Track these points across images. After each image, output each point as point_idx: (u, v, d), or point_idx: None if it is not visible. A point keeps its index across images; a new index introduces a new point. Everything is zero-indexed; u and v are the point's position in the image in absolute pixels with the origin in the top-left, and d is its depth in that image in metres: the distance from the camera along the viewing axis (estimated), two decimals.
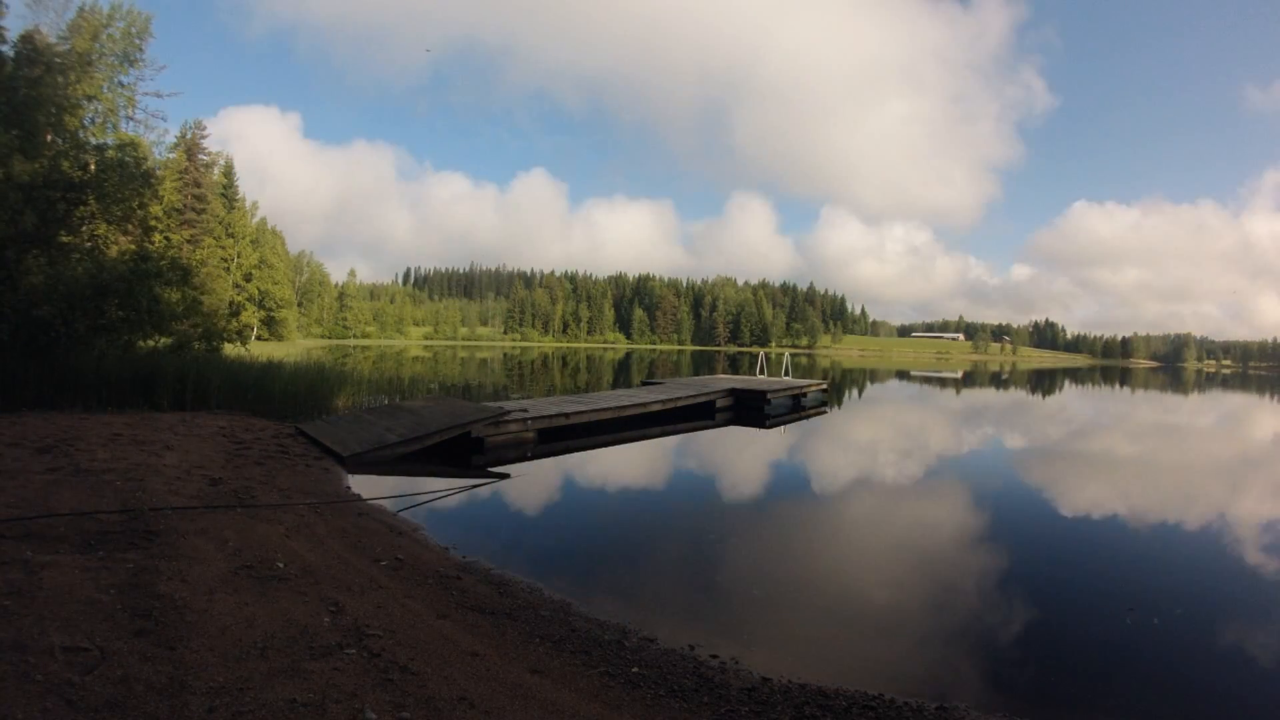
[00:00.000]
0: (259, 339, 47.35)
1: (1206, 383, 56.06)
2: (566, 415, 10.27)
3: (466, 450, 8.45)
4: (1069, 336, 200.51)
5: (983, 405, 23.50)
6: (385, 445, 7.78)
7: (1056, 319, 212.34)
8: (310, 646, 2.76)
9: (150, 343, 11.59)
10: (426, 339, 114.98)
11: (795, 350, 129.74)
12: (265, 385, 10.50)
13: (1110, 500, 8.17)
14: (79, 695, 2.16)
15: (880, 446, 12.11)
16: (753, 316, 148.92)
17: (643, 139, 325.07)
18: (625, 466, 9.21)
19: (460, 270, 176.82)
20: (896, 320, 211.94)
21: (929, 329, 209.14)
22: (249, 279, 50.04)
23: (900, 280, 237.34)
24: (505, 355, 57.26)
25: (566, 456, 9.25)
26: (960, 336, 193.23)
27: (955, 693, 3.26)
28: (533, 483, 7.48)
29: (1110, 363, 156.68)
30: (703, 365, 45.67)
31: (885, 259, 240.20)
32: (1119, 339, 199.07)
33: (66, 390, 8.65)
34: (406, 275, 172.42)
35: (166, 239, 24.77)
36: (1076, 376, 56.25)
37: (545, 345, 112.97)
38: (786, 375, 20.36)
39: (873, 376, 40.61)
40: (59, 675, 2.25)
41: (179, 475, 5.53)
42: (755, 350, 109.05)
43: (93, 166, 11.07)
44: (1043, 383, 41.22)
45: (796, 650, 3.65)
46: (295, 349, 40.62)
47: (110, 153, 11.70)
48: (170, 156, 36.88)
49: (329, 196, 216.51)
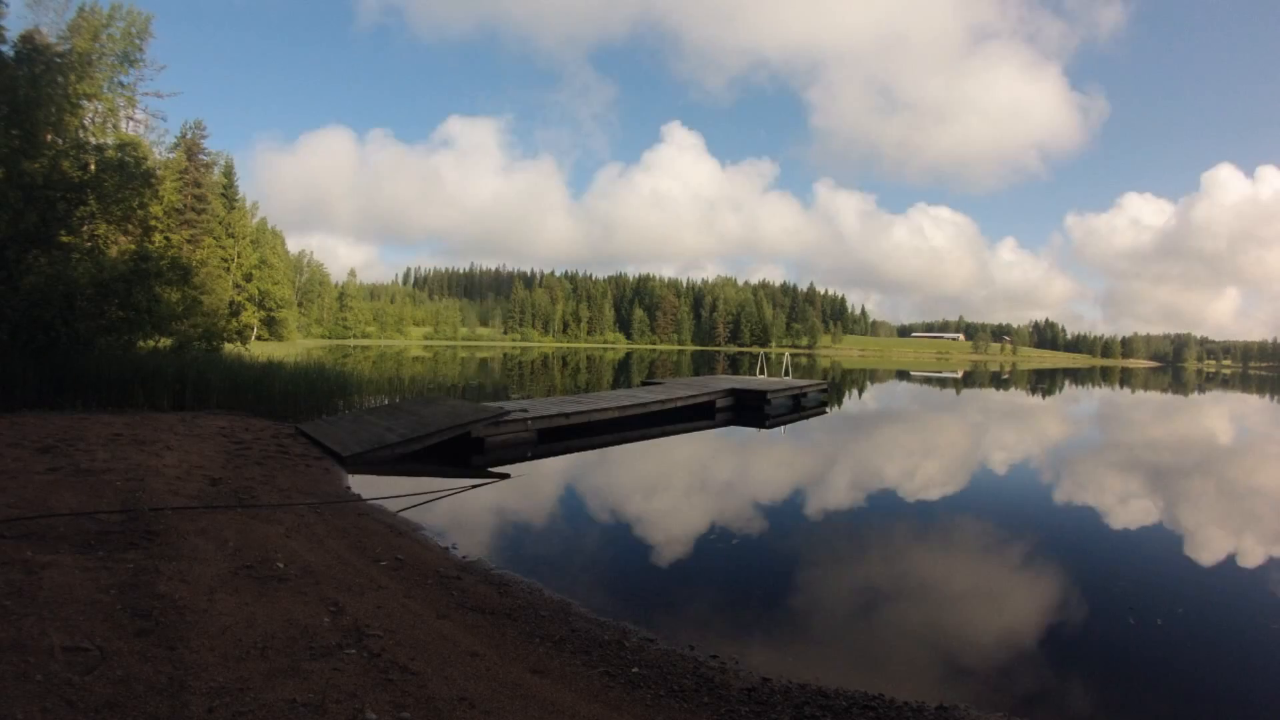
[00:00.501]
0: (259, 339, 47.38)
1: (1207, 383, 56.02)
2: (567, 415, 10.27)
3: (466, 450, 8.45)
4: (1069, 336, 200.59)
5: (981, 405, 23.50)
6: (385, 445, 7.77)
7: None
8: (310, 646, 2.76)
9: (150, 343, 11.60)
10: (426, 339, 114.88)
11: (795, 350, 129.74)
12: (265, 385, 10.51)
13: (1110, 500, 8.17)
14: (79, 695, 2.16)
15: (880, 446, 12.11)
16: (753, 316, 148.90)
17: None
18: (625, 466, 9.21)
19: (460, 270, 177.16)
20: (897, 321, 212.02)
21: (929, 329, 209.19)
22: (249, 279, 50.01)
23: None
24: (505, 355, 57.24)
25: (566, 456, 9.25)
26: (960, 336, 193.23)
27: (955, 693, 3.25)
28: (533, 483, 7.48)
29: (1110, 363, 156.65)
30: (703, 365, 45.65)
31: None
32: (1119, 339, 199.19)
33: (66, 390, 8.66)
34: (406, 275, 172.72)
35: (166, 239, 24.76)
36: (1076, 376, 56.23)
37: (545, 345, 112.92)
38: (786, 375, 20.36)
39: (873, 377, 40.60)
40: (59, 675, 2.25)
41: (179, 475, 5.53)
42: (755, 350, 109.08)
43: (93, 166, 11.07)
44: (1042, 383, 41.21)
45: (796, 650, 3.65)
46: (295, 349, 40.63)
47: (110, 153, 11.70)
48: (170, 156, 36.88)
49: None
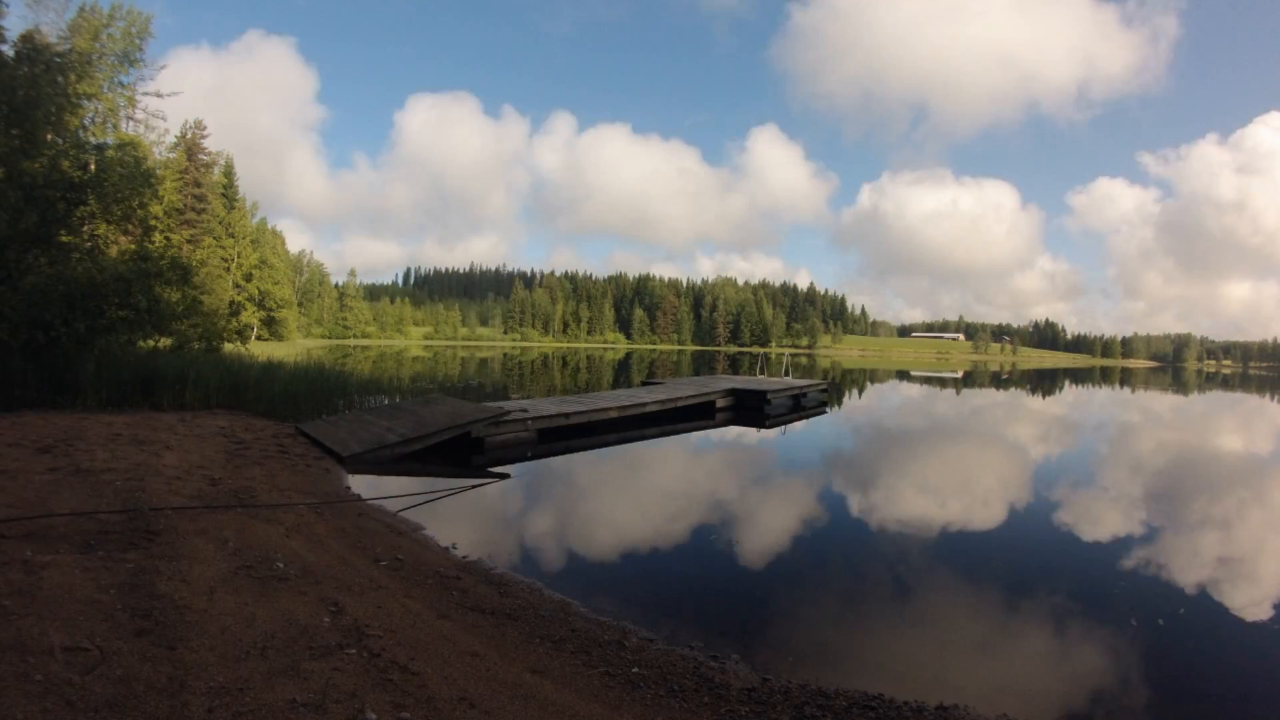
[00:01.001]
0: (259, 339, 47.37)
1: (1207, 383, 56.02)
2: (567, 415, 10.27)
3: (466, 450, 8.45)
4: (1069, 336, 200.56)
5: (980, 405, 23.49)
6: (385, 445, 7.77)
7: None
8: (310, 646, 2.76)
9: (150, 343, 11.59)
10: (426, 339, 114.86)
11: (795, 350, 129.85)
12: (265, 385, 10.51)
13: (1110, 502, 8.17)
14: (79, 695, 2.16)
15: (880, 446, 12.11)
16: (753, 316, 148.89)
17: None
18: (625, 466, 9.21)
19: (460, 270, 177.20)
20: (897, 320, 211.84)
21: (929, 329, 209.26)
22: (249, 279, 50.01)
23: None
24: (505, 355, 57.24)
25: (566, 456, 9.25)
26: (960, 336, 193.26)
27: (955, 693, 3.25)
28: (533, 483, 7.48)
29: (1110, 363, 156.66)
30: (703, 365, 45.64)
31: None
32: (1119, 339, 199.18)
33: (66, 390, 8.65)
34: (407, 275, 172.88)
35: (167, 239, 24.79)
36: (1076, 376, 56.22)
37: (545, 345, 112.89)
38: (786, 375, 20.36)
39: (872, 377, 40.58)
40: (59, 675, 2.25)
41: (179, 475, 5.52)
42: (755, 350, 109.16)
43: (93, 166, 11.06)
44: (1042, 383, 41.20)
45: (796, 650, 3.65)
46: (295, 349, 40.64)
47: (110, 152, 11.69)
48: (170, 156, 36.89)
49: None
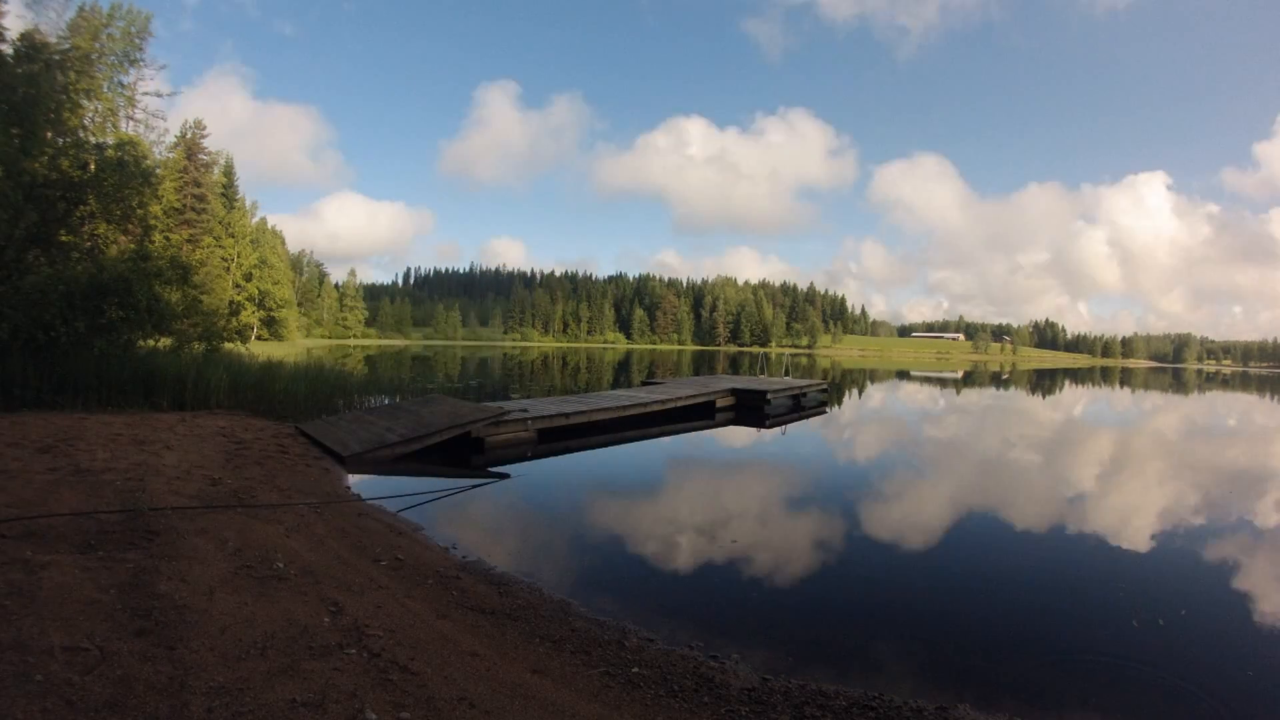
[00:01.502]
0: (259, 339, 47.39)
1: (1207, 383, 56.02)
2: (567, 415, 10.27)
3: (466, 450, 8.45)
4: (1069, 336, 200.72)
5: (979, 404, 23.49)
6: (385, 445, 7.77)
7: None
8: (310, 646, 2.76)
9: (150, 343, 11.58)
10: (426, 339, 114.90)
11: (795, 350, 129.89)
12: (265, 385, 10.51)
13: (1111, 501, 8.17)
14: (79, 695, 2.16)
15: (879, 446, 12.10)
16: (753, 316, 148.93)
17: None
18: (625, 466, 9.21)
19: (460, 270, 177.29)
20: (897, 320, 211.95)
21: (929, 329, 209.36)
22: (249, 279, 50.10)
23: None
24: (505, 355, 57.23)
25: (566, 456, 9.25)
26: (960, 336, 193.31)
27: (956, 693, 3.25)
28: (533, 483, 7.47)
29: (1110, 362, 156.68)
30: (703, 365, 45.64)
31: None
32: (1119, 339, 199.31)
33: (66, 390, 8.65)
34: (407, 275, 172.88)
35: (166, 238, 24.78)
36: (1076, 376, 56.23)
37: (545, 345, 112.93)
38: (786, 375, 20.37)
39: (872, 377, 40.58)
40: (59, 675, 2.25)
41: (179, 475, 5.52)
42: (755, 350, 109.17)
43: (92, 166, 11.05)
44: (1042, 383, 41.20)
45: (796, 650, 3.65)
46: (295, 349, 40.64)
47: (110, 152, 11.68)
48: (170, 156, 36.89)
49: None
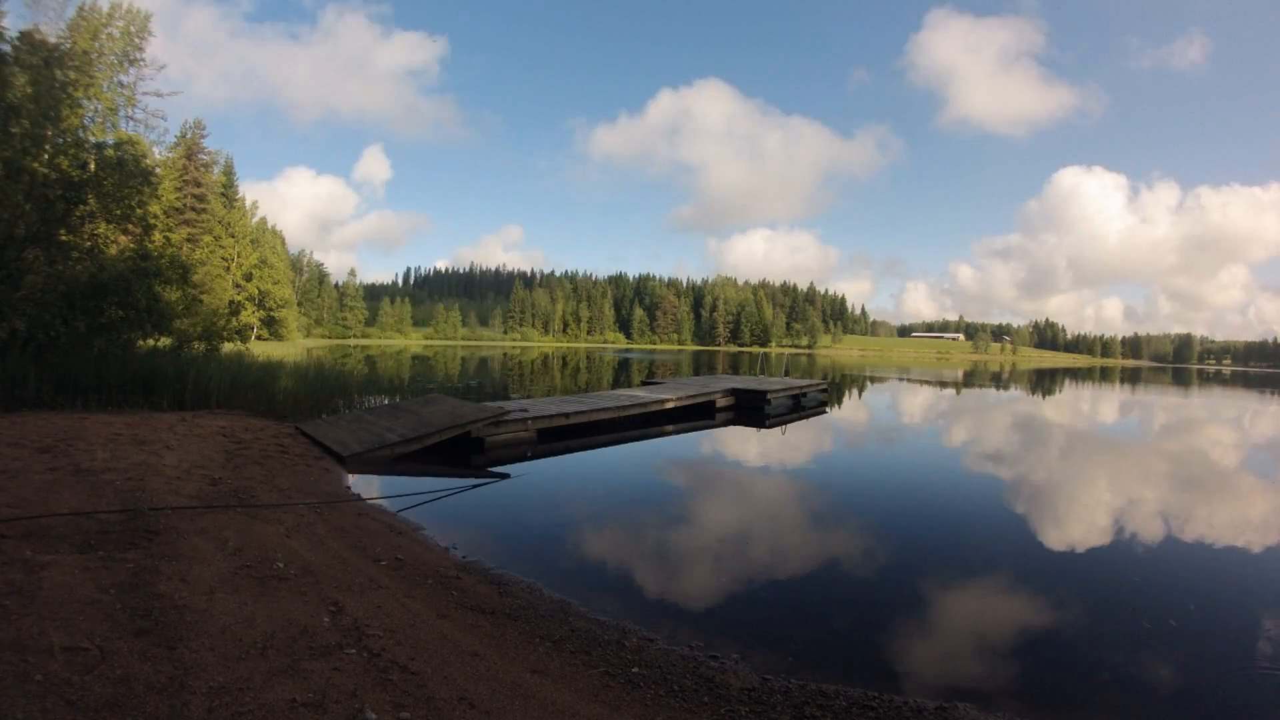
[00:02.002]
0: (259, 339, 47.37)
1: (1207, 383, 56.00)
2: (566, 415, 10.27)
3: (466, 450, 8.45)
4: (1069, 337, 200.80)
5: (978, 404, 23.49)
6: (385, 445, 7.77)
7: None
8: (310, 646, 2.76)
9: (150, 342, 11.58)
10: (426, 339, 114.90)
11: (795, 350, 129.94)
12: (265, 385, 10.50)
13: (1111, 500, 8.17)
14: (79, 695, 2.16)
15: (879, 446, 12.10)
16: (753, 316, 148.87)
17: None
18: (625, 466, 9.21)
19: (460, 270, 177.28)
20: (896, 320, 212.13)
21: (929, 329, 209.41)
22: (249, 279, 50.10)
23: None
24: (505, 355, 57.22)
25: (566, 456, 9.25)
26: (960, 336, 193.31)
27: (956, 693, 3.25)
28: (533, 483, 7.47)
29: (1110, 362, 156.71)
30: (703, 365, 45.64)
31: None
32: (1119, 339, 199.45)
33: (66, 390, 8.64)
34: (407, 275, 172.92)
35: (166, 238, 24.76)
36: (1076, 376, 56.23)
37: (545, 345, 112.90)
38: (785, 375, 20.39)
39: (872, 377, 40.57)
40: (59, 675, 2.25)
41: (179, 475, 5.52)
42: (755, 350, 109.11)
43: (92, 165, 11.06)
44: (1042, 382, 41.19)
45: (796, 650, 3.64)
46: (295, 349, 40.63)
47: (109, 151, 11.68)
48: (170, 156, 36.89)
49: None
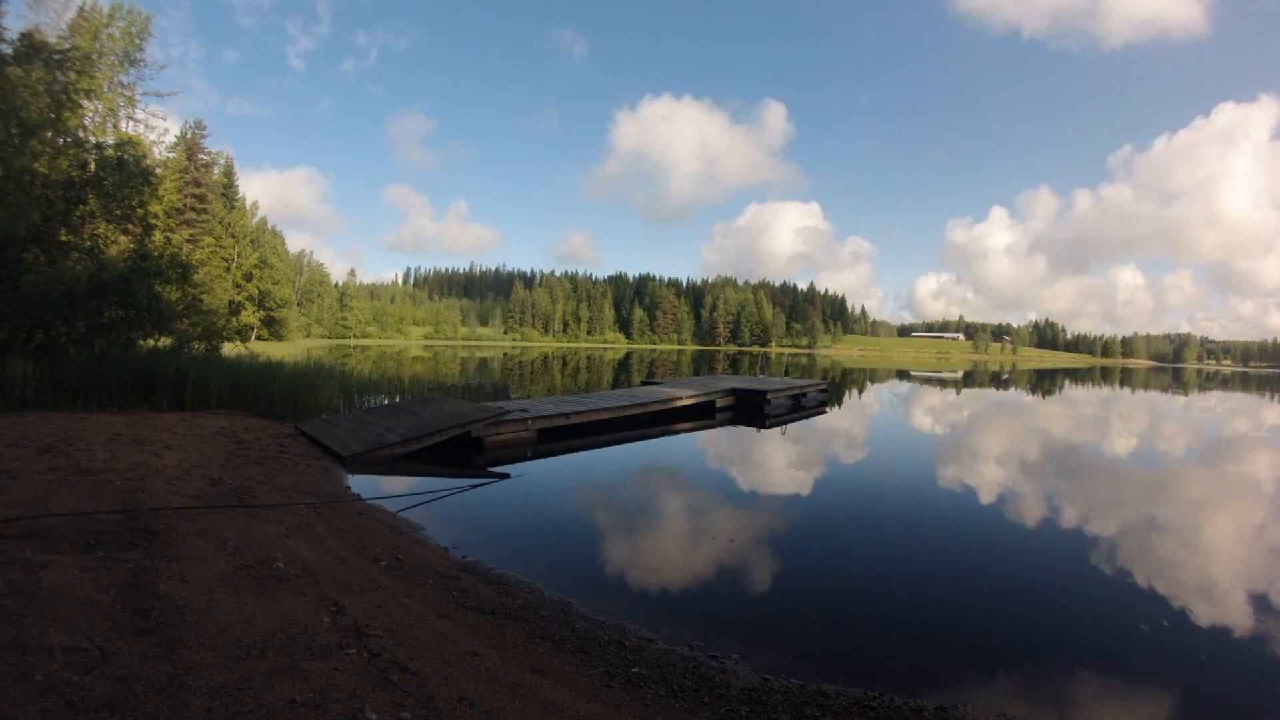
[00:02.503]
0: (259, 339, 47.35)
1: (1207, 383, 56.00)
2: (566, 415, 10.27)
3: (466, 450, 8.45)
4: (1069, 336, 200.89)
5: (977, 404, 23.49)
6: (385, 445, 7.77)
7: None
8: (310, 646, 2.76)
9: (150, 343, 11.59)
10: (426, 339, 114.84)
11: (795, 350, 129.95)
12: (265, 385, 10.52)
13: (1114, 501, 8.17)
14: (79, 695, 2.16)
15: (879, 445, 12.09)
16: (753, 316, 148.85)
17: None
18: (625, 466, 9.21)
19: (460, 270, 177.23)
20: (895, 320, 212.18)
21: (929, 329, 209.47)
22: (249, 279, 50.07)
23: None
24: (505, 355, 57.22)
25: (566, 456, 9.25)
26: (960, 336, 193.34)
27: (956, 693, 3.25)
28: (533, 483, 7.47)
29: (1110, 362, 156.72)
30: (703, 365, 45.63)
31: None
32: (1119, 339, 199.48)
33: (66, 390, 8.65)
34: (407, 275, 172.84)
35: (167, 238, 24.76)
36: (1076, 376, 56.23)
37: (545, 345, 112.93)
38: (786, 375, 20.39)
39: (872, 376, 40.55)
40: (59, 675, 2.25)
41: (179, 475, 5.53)
42: (755, 350, 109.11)
43: (92, 165, 11.07)
44: (1042, 382, 41.20)
45: (796, 650, 3.64)
46: (295, 349, 40.65)
47: (109, 151, 11.69)
48: (170, 156, 36.90)
49: None
